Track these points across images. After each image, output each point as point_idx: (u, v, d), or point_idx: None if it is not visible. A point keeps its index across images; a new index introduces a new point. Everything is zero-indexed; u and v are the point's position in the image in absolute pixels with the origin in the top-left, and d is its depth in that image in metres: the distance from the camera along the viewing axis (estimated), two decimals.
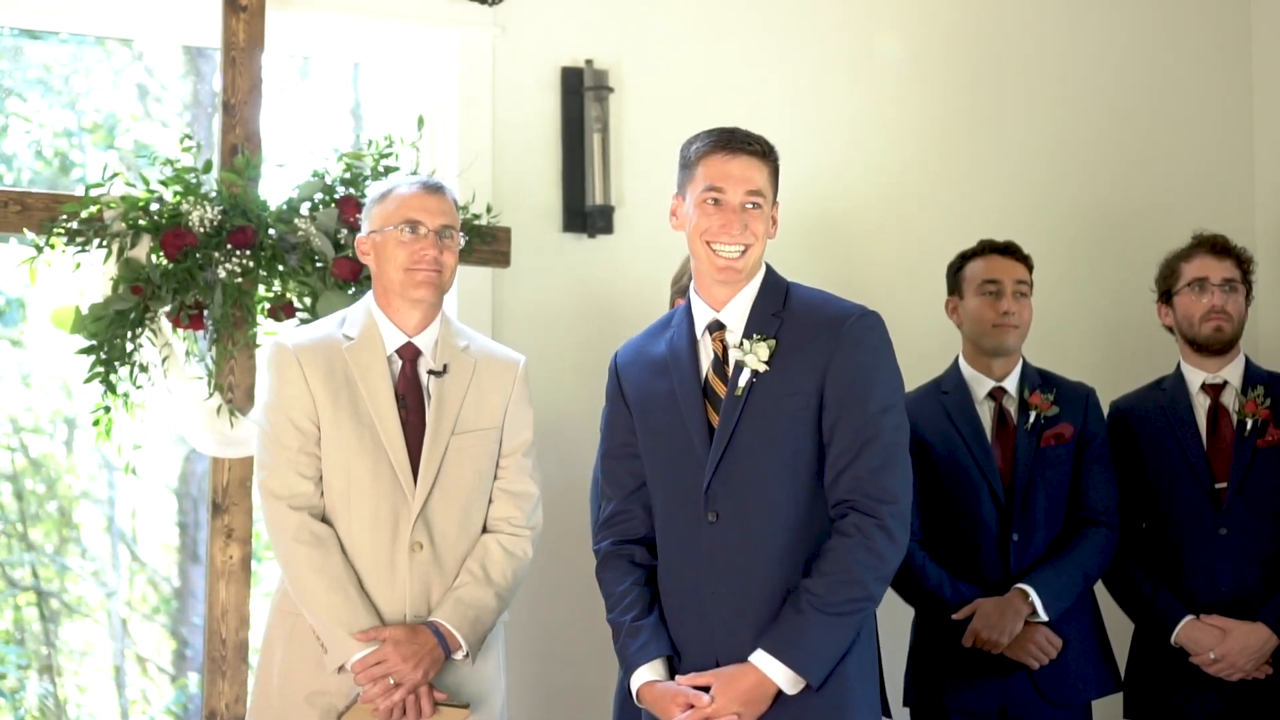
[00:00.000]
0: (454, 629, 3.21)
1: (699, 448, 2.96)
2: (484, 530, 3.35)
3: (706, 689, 2.88)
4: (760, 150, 2.99)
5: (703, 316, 3.04)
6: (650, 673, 2.95)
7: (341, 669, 3.18)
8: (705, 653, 2.94)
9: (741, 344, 2.97)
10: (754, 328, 2.98)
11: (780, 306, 3.01)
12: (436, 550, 3.26)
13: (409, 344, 3.32)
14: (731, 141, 2.97)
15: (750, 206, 2.97)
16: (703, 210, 2.97)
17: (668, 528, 3.02)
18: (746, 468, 2.93)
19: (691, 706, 2.87)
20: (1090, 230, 4.97)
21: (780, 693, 2.87)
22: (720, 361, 3.00)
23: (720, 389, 2.98)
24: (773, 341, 2.96)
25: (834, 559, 2.89)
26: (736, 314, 3.01)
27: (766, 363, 2.94)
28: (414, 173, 4.02)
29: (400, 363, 3.31)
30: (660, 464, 3.03)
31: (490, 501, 3.36)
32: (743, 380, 2.95)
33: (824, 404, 2.94)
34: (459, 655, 3.24)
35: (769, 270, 3.07)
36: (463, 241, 3.40)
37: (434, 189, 3.35)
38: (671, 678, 2.95)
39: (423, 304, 3.31)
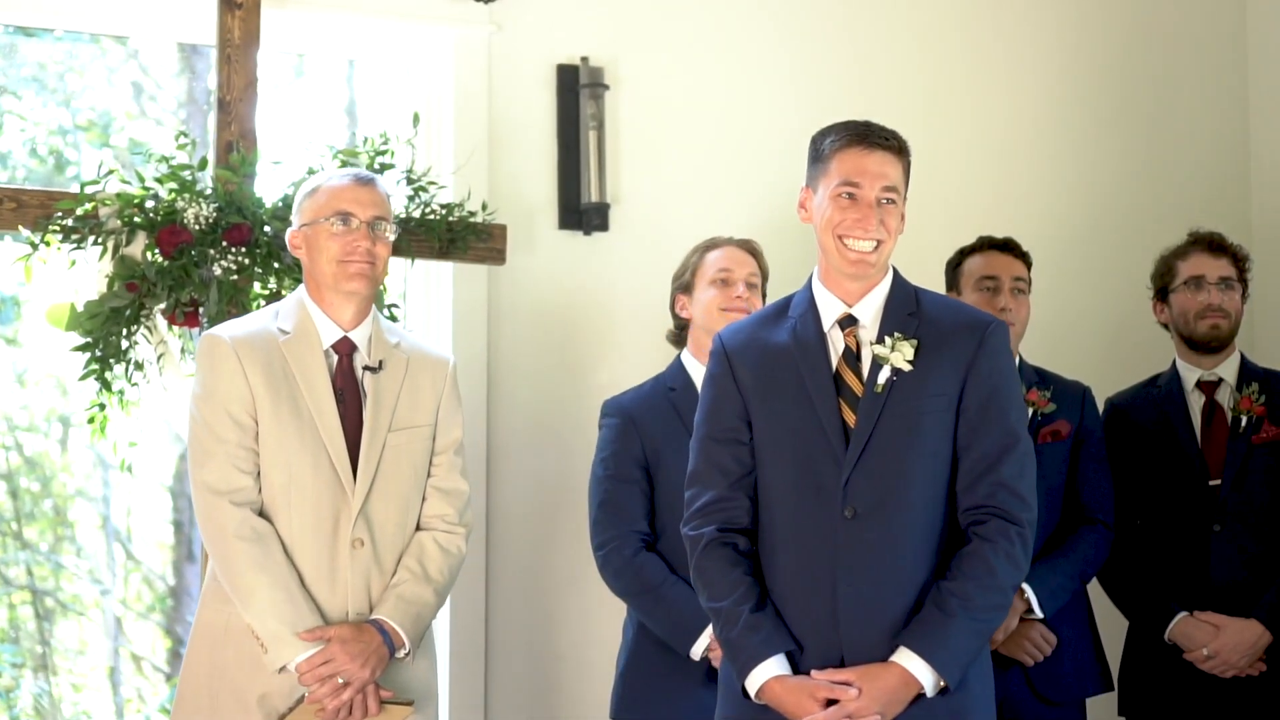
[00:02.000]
0: (398, 626, 3.19)
1: (834, 442, 2.93)
2: (418, 528, 3.33)
3: (845, 685, 2.85)
4: (896, 146, 2.99)
5: (831, 310, 3.01)
6: (778, 666, 2.89)
7: (283, 669, 3.13)
8: (829, 649, 2.89)
9: (884, 340, 2.95)
10: (892, 326, 2.97)
11: (915, 307, 3.01)
12: (376, 547, 3.24)
13: (345, 339, 3.30)
14: (868, 136, 2.97)
15: (885, 202, 2.96)
16: (837, 204, 2.96)
17: (791, 521, 2.96)
18: (888, 465, 2.90)
19: (830, 702, 2.83)
20: (1087, 228, 4.98)
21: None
22: (854, 355, 2.99)
23: (854, 384, 2.96)
24: (915, 341, 2.95)
25: (979, 563, 2.88)
26: (870, 310, 3.00)
27: (910, 362, 2.94)
28: (410, 171, 4.03)
29: (337, 358, 3.30)
30: (785, 456, 2.97)
31: (423, 499, 3.34)
32: (882, 377, 2.93)
33: (962, 407, 2.95)
34: (402, 653, 3.22)
35: (896, 271, 3.07)
36: (394, 234, 3.37)
37: (365, 181, 3.33)
38: (794, 673, 2.91)
39: (356, 296, 3.29)
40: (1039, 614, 3.68)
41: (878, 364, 2.95)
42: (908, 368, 2.93)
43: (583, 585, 4.22)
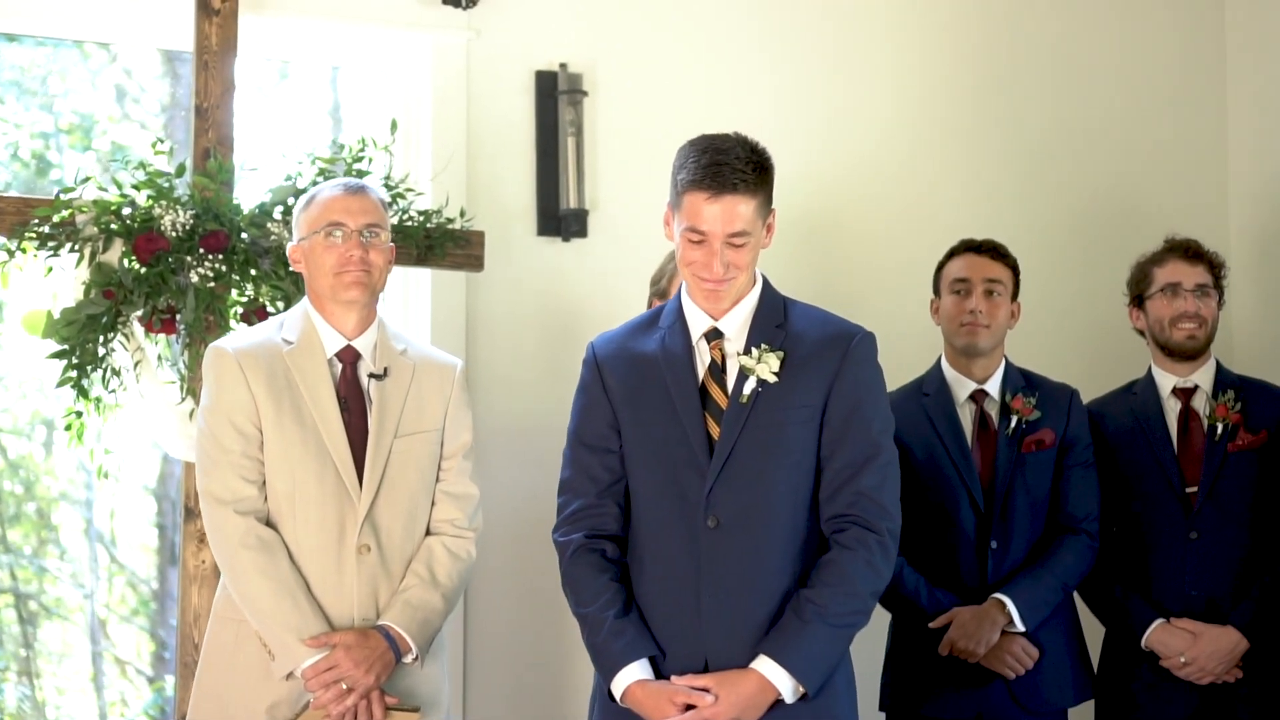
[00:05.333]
0: (404, 632, 3.22)
1: (698, 452, 2.96)
2: (427, 533, 3.35)
3: (704, 691, 2.89)
4: (748, 183, 2.91)
5: (699, 323, 3.04)
6: (641, 670, 2.94)
7: (290, 675, 3.17)
8: (694, 655, 2.94)
9: (750, 352, 2.98)
10: (759, 338, 3.00)
11: (782, 319, 3.03)
12: (383, 553, 3.26)
13: (349, 347, 3.32)
14: (716, 181, 2.89)
15: (734, 245, 2.95)
16: (686, 243, 2.97)
17: (657, 529, 3.01)
18: (750, 476, 2.94)
19: (688, 707, 2.88)
20: (1068, 233, 4.98)
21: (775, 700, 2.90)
22: (719, 368, 3.01)
23: (719, 396, 2.99)
24: (781, 353, 2.97)
25: (836, 570, 2.92)
26: (736, 324, 3.03)
27: (776, 374, 2.96)
28: (388, 178, 4.03)
29: (340, 366, 3.32)
30: (651, 465, 3.02)
31: (433, 504, 3.36)
32: (747, 389, 2.96)
33: (825, 419, 2.97)
34: (409, 658, 3.24)
35: (766, 282, 3.08)
36: (390, 239, 3.37)
37: (355, 190, 3.34)
38: (656, 678, 2.95)
39: (356, 305, 3.31)
40: (1020, 627, 3.69)
41: (743, 376, 2.97)
42: (773, 379, 2.96)
43: (560, 593, 4.20)
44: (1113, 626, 3.93)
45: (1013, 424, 3.82)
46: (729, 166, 2.91)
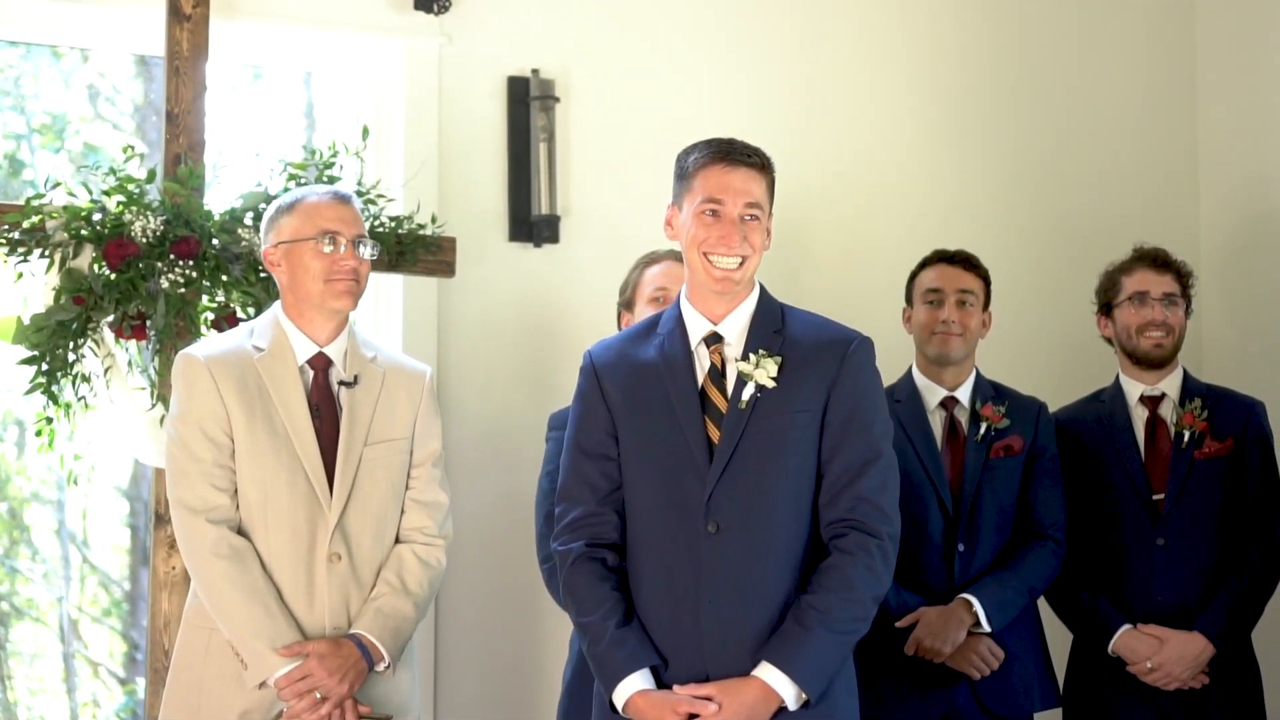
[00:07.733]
0: (376, 640, 3.21)
1: (698, 458, 2.96)
2: (397, 540, 3.35)
3: (706, 700, 2.89)
4: (759, 163, 3.01)
5: (698, 328, 3.04)
6: (642, 680, 2.93)
7: (263, 685, 3.17)
8: (696, 663, 2.93)
9: (748, 357, 2.98)
10: (757, 343, 3.00)
11: (780, 324, 3.04)
12: (354, 561, 3.26)
13: (320, 354, 3.32)
14: (731, 153, 2.99)
15: (749, 218, 2.99)
16: (701, 222, 2.98)
17: (657, 536, 3.00)
18: (751, 481, 2.94)
19: (691, 716, 2.87)
20: (1039, 243, 5.00)
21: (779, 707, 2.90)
22: (719, 373, 3.02)
23: (719, 401, 2.99)
24: (779, 358, 2.98)
25: (838, 576, 2.92)
26: (735, 328, 3.03)
27: (774, 379, 2.97)
28: (359, 184, 4.03)
29: (312, 373, 3.31)
30: (650, 472, 3.01)
31: (402, 512, 3.36)
32: (746, 394, 2.97)
33: (825, 423, 2.98)
34: (381, 666, 3.24)
35: (763, 288, 3.10)
36: (375, 252, 3.38)
37: (345, 199, 3.35)
38: (658, 687, 2.94)
39: (341, 314, 3.32)
40: (986, 628, 3.71)
41: (742, 381, 2.98)
42: (771, 384, 2.96)
43: (533, 598, 4.23)
44: (1080, 632, 3.95)
45: (982, 430, 3.85)
46: (739, 145, 3.02)
